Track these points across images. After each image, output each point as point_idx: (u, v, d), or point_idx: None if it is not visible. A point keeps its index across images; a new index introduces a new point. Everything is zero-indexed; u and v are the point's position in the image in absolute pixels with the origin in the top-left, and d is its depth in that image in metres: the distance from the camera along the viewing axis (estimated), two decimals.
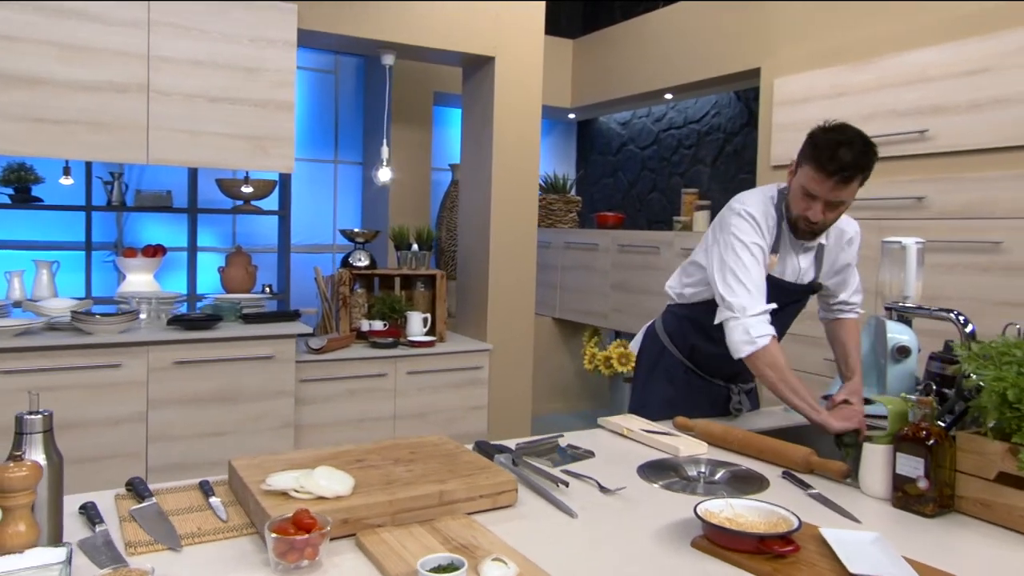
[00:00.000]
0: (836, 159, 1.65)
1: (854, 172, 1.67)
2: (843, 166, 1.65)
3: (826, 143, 1.68)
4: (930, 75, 2.86)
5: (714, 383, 2.03)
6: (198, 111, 2.98)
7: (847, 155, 1.65)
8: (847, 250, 2.01)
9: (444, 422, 3.63)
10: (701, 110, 4.83)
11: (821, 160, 1.67)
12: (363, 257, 3.74)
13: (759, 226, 1.80)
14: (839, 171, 1.66)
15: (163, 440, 2.93)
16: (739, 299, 1.74)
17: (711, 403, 2.01)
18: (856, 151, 1.66)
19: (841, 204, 1.76)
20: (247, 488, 1.19)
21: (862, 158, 1.66)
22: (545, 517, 1.24)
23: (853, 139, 1.68)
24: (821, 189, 1.70)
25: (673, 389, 2.02)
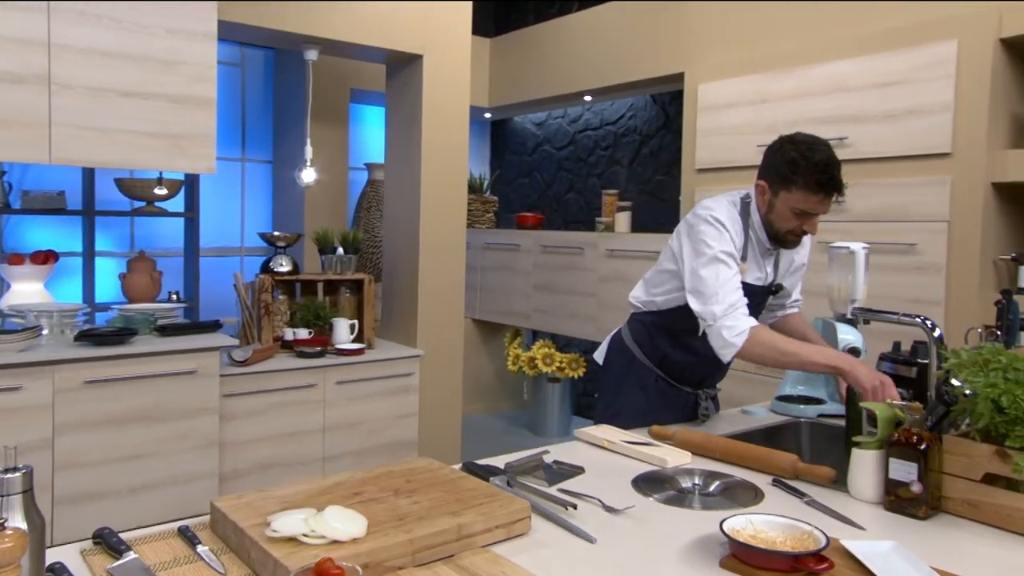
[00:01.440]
0: (832, 180, 1.73)
1: (839, 188, 1.76)
2: (839, 185, 1.74)
3: (816, 165, 1.73)
4: (848, 86, 3.02)
5: (683, 390, 2.06)
6: (108, 106, 2.71)
7: (837, 172, 1.74)
8: (801, 252, 2.11)
9: (375, 432, 3.52)
10: (617, 112, 4.91)
11: (818, 181, 1.73)
12: (285, 262, 3.55)
13: (728, 232, 1.83)
14: (831, 188, 1.74)
15: (72, 468, 2.67)
16: (709, 307, 1.77)
17: (680, 410, 2.04)
18: (838, 164, 1.75)
19: (819, 215, 1.85)
20: (245, 535, 1.08)
21: (839, 176, 1.76)
22: (563, 543, 1.20)
23: (832, 157, 1.76)
24: (817, 206, 1.78)
25: (645, 397, 2.03)
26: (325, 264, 3.67)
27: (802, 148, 1.76)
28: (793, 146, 1.78)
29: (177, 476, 2.88)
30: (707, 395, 2.06)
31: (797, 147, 1.77)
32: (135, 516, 2.79)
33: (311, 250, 4.25)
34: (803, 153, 1.75)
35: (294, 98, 4.46)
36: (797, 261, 2.11)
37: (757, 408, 2.13)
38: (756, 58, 3.38)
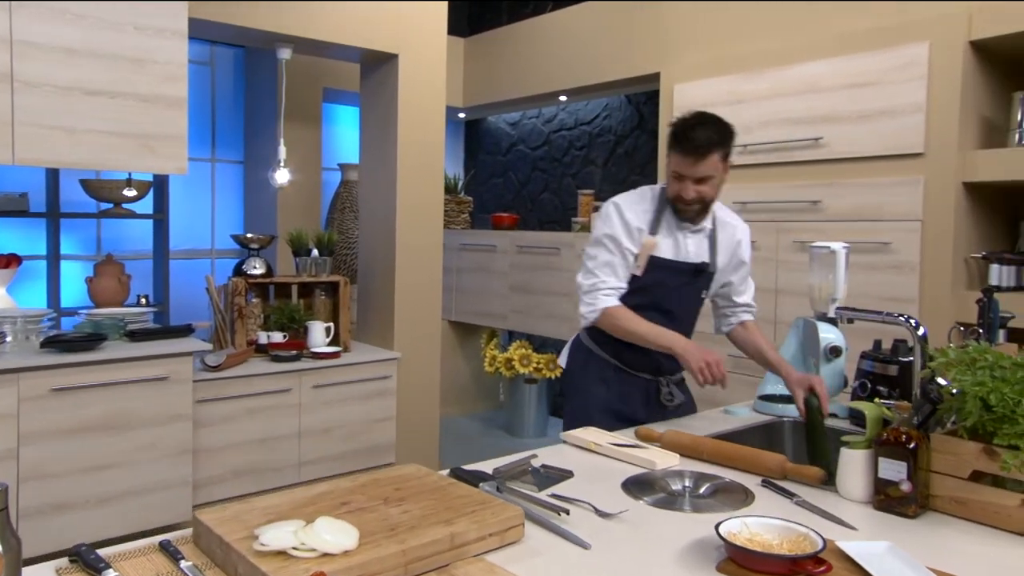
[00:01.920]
0: (691, 139, 1.88)
1: (708, 147, 1.88)
2: (698, 144, 1.87)
3: (682, 127, 1.92)
4: (822, 86, 3.05)
5: (643, 377, 2.09)
6: (74, 105, 2.63)
7: (701, 133, 1.88)
8: (738, 249, 2.15)
9: (352, 436, 3.47)
10: (592, 112, 4.92)
11: (680, 142, 1.90)
12: (258, 264, 3.49)
13: (617, 215, 2.00)
14: (695, 148, 1.88)
15: (38, 479, 2.58)
16: (581, 280, 2.03)
17: (644, 398, 2.08)
18: (708, 129, 1.89)
19: (709, 179, 1.93)
20: (232, 549, 1.05)
21: (714, 135, 1.89)
22: (557, 550, 1.18)
23: (704, 120, 1.91)
24: (686, 168, 1.91)
25: (607, 388, 2.06)
26: (299, 266, 3.61)
27: (684, 116, 1.94)
28: (680, 116, 1.95)
29: (149, 485, 2.81)
30: (669, 381, 2.11)
31: (682, 116, 1.95)
32: (106, 528, 2.71)
33: (284, 252, 4.19)
34: (681, 118, 1.94)
35: (266, 97, 4.39)
36: (737, 256, 2.14)
37: (740, 408, 2.14)
38: (731, 58, 3.40)
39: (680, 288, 2.05)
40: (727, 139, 1.92)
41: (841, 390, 2.05)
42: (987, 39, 2.65)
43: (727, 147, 1.93)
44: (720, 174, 1.95)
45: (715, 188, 1.97)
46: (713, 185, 1.95)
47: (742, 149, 3.31)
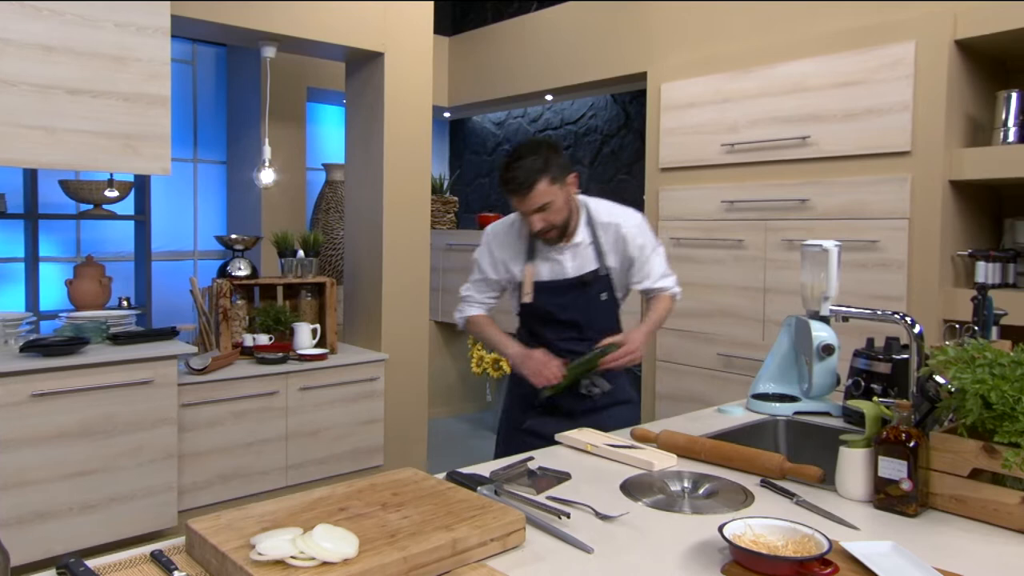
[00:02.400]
0: (510, 179, 1.95)
1: (529, 182, 1.93)
2: (519, 182, 1.93)
3: (503, 167, 1.98)
4: (808, 85, 3.06)
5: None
6: (54, 104, 2.57)
7: (518, 172, 1.94)
8: (626, 246, 2.15)
9: (339, 439, 3.43)
10: (578, 111, 4.91)
11: (504, 183, 1.98)
12: (243, 266, 3.44)
13: (486, 247, 2.19)
14: (518, 187, 1.94)
15: (17, 487, 2.53)
16: (461, 292, 2.27)
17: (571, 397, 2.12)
18: (525, 163, 1.93)
19: (547, 205, 1.97)
20: (228, 559, 1.02)
21: (531, 167, 1.93)
22: (560, 555, 1.16)
23: (521, 154, 1.95)
24: (520, 205, 1.99)
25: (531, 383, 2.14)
26: (285, 267, 3.57)
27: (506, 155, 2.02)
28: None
29: (134, 491, 2.76)
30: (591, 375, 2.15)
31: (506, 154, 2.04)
32: (91, 536, 2.66)
33: (268, 253, 4.14)
34: (503, 160, 2.02)
35: (249, 97, 4.34)
36: (628, 253, 2.16)
37: (733, 407, 2.13)
38: (718, 57, 3.40)
39: (573, 301, 2.14)
40: (548, 165, 1.94)
41: (834, 388, 2.06)
42: (972, 38, 2.67)
43: (551, 171, 1.95)
44: (558, 196, 1.98)
45: (560, 211, 2.01)
46: (556, 210, 1.99)
47: (729, 148, 3.32)
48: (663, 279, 2.23)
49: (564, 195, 2.00)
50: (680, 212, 3.55)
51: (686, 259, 3.52)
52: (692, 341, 3.52)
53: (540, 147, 1.97)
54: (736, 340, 3.33)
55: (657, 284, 2.21)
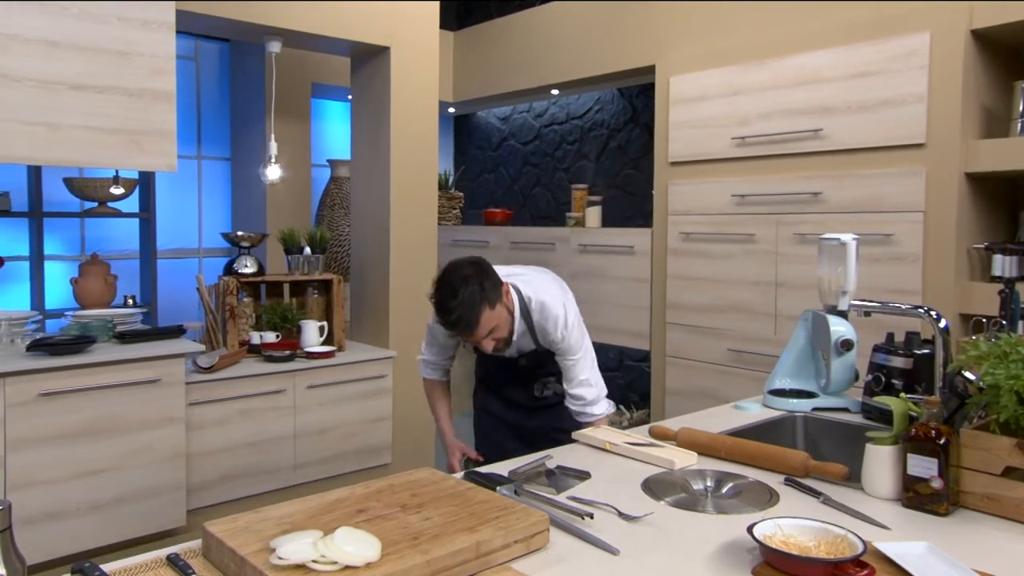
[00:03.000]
0: (452, 323, 1.88)
1: (470, 318, 1.86)
2: (462, 324, 1.88)
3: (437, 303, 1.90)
4: (822, 77, 3.02)
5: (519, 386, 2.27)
6: (58, 100, 2.54)
7: (457, 314, 1.86)
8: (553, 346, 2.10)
9: (347, 437, 3.40)
10: (584, 106, 4.87)
11: (448, 326, 1.92)
12: (250, 263, 3.41)
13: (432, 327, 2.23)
14: (465, 327, 1.88)
15: (26, 487, 2.50)
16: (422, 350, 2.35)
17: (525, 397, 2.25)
18: (462, 304, 1.84)
19: (494, 328, 1.93)
20: (247, 563, 0.99)
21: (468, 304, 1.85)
22: (585, 556, 1.13)
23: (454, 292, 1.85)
24: (469, 339, 1.96)
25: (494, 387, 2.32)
26: (291, 264, 3.54)
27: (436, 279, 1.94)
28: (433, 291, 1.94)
29: (142, 491, 2.73)
30: (543, 381, 2.24)
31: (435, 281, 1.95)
32: (100, 535, 2.64)
33: (274, 250, 4.11)
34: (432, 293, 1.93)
35: (252, 93, 4.31)
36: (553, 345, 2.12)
37: (750, 403, 2.10)
38: (728, 50, 3.37)
39: (515, 365, 2.21)
40: (484, 291, 1.87)
41: (852, 384, 2.02)
42: (988, 28, 2.63)
43: (488, 297, 1.87)
44: (500, 315, 1.93)
45: (504, 326, 1.97)
46: (501, 327, 1.95)
47: (740, 141, 3.28)
48: (580, 387, 2.07)
49: (504, 311, 1.95)
50: (690, 206, 3.51)
51: (696, 254, 3.49)
52: (702, 336, 3.48)
53: (469, 276, 1.86)
54: (747, 335, 3.30)
55: (574, 390, 2.08)
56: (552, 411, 2.23)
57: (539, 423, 2.21)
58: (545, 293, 2.06)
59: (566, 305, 2.07)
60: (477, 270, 1.89)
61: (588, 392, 2.07)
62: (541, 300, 2.04)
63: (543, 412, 2.22)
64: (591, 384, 2.08)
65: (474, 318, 1.86)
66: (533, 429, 2.18)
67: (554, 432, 2.12)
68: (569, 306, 2.08)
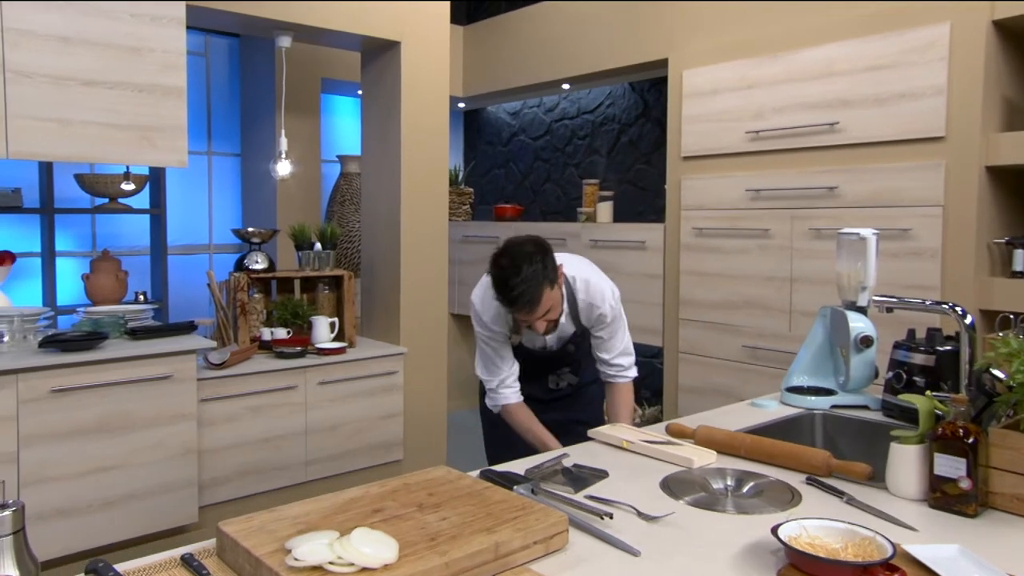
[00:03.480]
0: (516, 298, 1.85)
1: (533, 296, 1.85)
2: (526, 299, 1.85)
3: (499, 281, 1.87)
4: (837, 70, 2.98)
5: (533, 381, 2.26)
6: (69, 96, 2.53)
7: (519, 287, 1.83)
8: (599, 322, 2.16)
9: (358, 433, 3.39)
10: (595, 100, 4.83)
11: (510, 303, 1.88)
12: (260, 259, 3.40)
13: (478, 319, 2.12)
14: (527, 304, 1.86)
15: (39, 483, 2.50)
16: (482, 376, 2.19)
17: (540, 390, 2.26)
18: (527, 279, 1.83)
19: (550, 310, 1.93)
20: (263, 564, 0.97)
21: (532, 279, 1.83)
22: (605, 558, 1.11)
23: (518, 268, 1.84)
24: (527, 318, 1.93)
25: None
26: (302, 260, 3.52)
27: (494, 258, 1.91)
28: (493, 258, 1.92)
29: (154, 487, 2.73)
30: (558, 373, 2.27)
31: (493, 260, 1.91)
32: (112, 532, 2.64)
33: (284, 246, 4.10)
34: (492, 262, 1.90)
35: (262, 88, 4.29)
36: (598, 322, 2.16)
37: (767, 400, 2.07)
38: (742, 43, 3.32)
39: (550, 356, 2.23)
40: (546, 270, 1.88)
41: (872, 381, 1.99)
42: (1010, 18, 2.58)
43: (549, 276, 1.88)
44: (557, 297, 1.94)
45: (558, 308, 1.98)
46: (556, 308, 1.97)
47: (754, 135, 3.24)
48: (621, 356, 2.21)
49: (559, 293, 1.97)
50: (703, 201, 3.47)
51: (709, 249, 3.45)
52: (716, 332, 3.45)
53: (532, 253, 1.86)
54: (762, 331, 3.26)
55: (616, 360, 2.20)
56: (566, 402, 2.24)
57: (554, 416, 2.20)
58: (588, 271, 2.14)
59: (606, 280, 2.17)
60: (539, 248, 1.89)
61: (627, 360, 2.21)
62: (585, 278, 2.11)
63: (558, 403, 2.22)
64: (630, 352, 2.23)
65: (536, 296, 1.85)
66: (548, 423, 2.16)
67: (571, 424, 2.12)
68: (608, 281, 2.18)
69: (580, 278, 2.11)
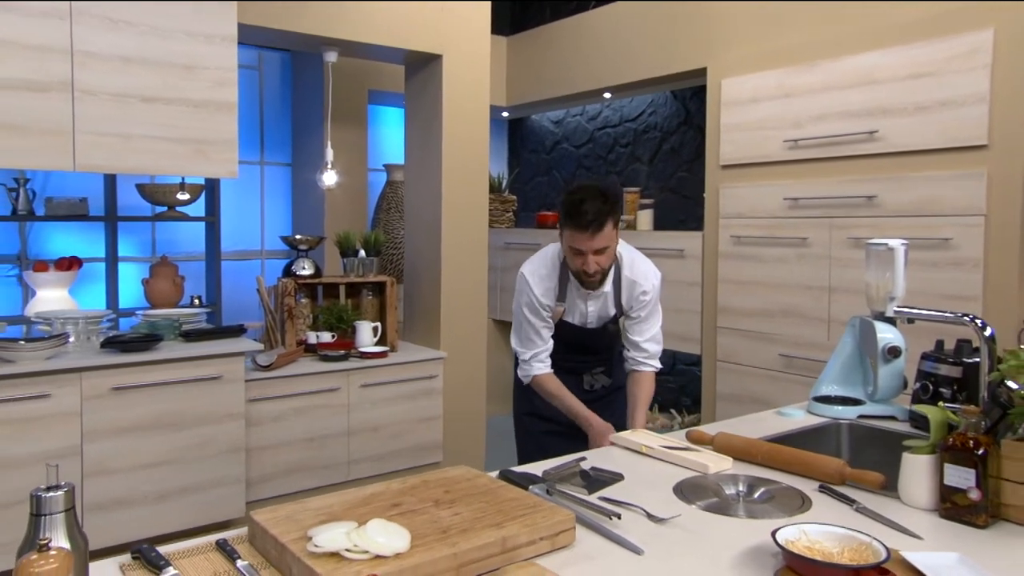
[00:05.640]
0: (584, 212, 1.99)
1: (602, 219, 2.00)
2: (591, 218, 1.99)
3: (571, 204, 2.02)
4: (877, 78, 2.96)
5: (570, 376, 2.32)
6: (130, 112, 2.70)
7: (592, 207, 1.99)
8: (639, 302, 2.25)
9: (399, 435, 3.49)
10: (637, 109, 4.86)
11: (573, 217, 2.02)
12: (307, 265, 3.54)
13: (528, 285, 2.22)
14: (590, 223, 2.00)
15: (101, 474, 2.67)
16: (517, 348, 2.28)
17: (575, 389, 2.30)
18: (598, 202, 2.00)
19: (605, 248, 2.07)
20: (287, 550, 1.06)
21: (604, 206, 2.01)
22: (610, 555, 1.16)
23: (592, 194, 2.02)
24: (583, 243, 2.04)
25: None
26: (347, 266, 3.65)
27: (570, 189, 2.08)
28: (567, 190, 2.09)
29: (204, 482, 2.87)
30: (593, 373, 2.34)
31: (568, 190, 2.08)
32: (165, 523, 2.79)
33: (332, 253, 4.24)
34: (567, 192, 2.08)
35: (312, 100, 4.45)
36: (638, 301, 2.24)
37: (793, 409, 2.08)
38: (780, 51, 3.32)
39: (590, 336, 2.29)
40: (617, 208, 2.07)
41: (901, 392, 1.99)
42: None
43: (617, 215, 2.07)
44: (614, 241, 2.10)
45: (611, 256, 2.12)
46: (609, 254, 2.10)
47: (792, 144, 3.23)
48: (651, 342, 2.29)
49: (616, 236, 2.11)
50: (741, 210, 3.48)
51: (748, 258, 3.45)
52: (754, 341, 3.44)
53: (606, 191, 2.04)
54: (800, 341, 3.24)
55: (645, 343, 2.28)
56: (599, 405, 2.28)
57: None
58: (635, 252, 2.27)
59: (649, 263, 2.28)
60: (614, 191, 2.11)
61: (655, 347, 2.29)
62: (632, 257, 2.24)
63: (592, 406, 2.24)
64: (659, 341, 2.30)
65: (604, 220, 2.00)
66: None
67: None
68: None
69: (627, 256, 2.23)
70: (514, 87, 5.14)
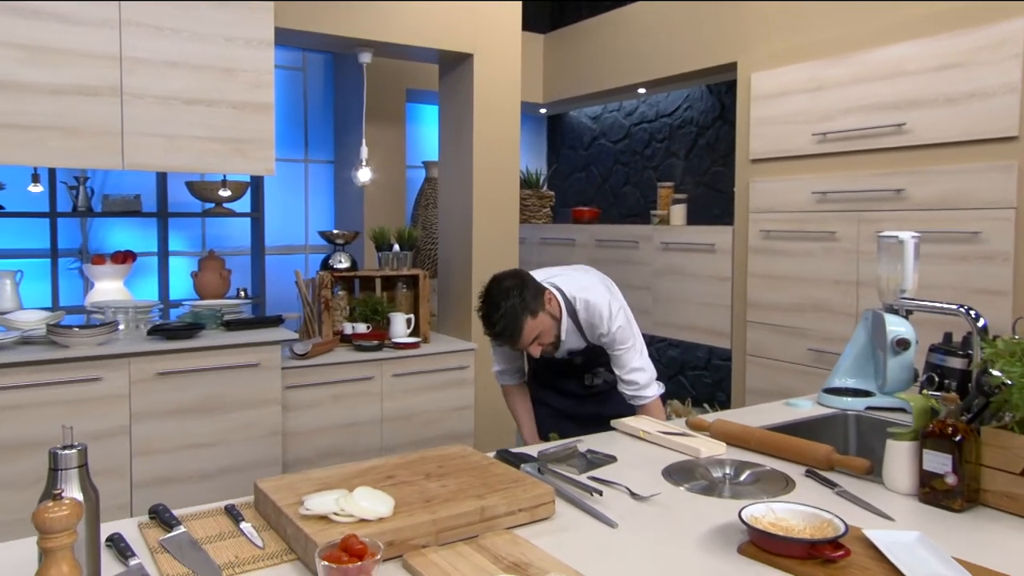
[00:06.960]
0: (494, 335, 2.02)
1: (514, 331, 1.98)
2: (503, 337, 2.01)
3: (483, 319, 2.02)
4: (906, 70, 2.92)
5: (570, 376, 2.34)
6: (174, 114, 2.87)
7: (495, 329, 1.99)
8: (601, 342, 2.17)
9: (431, 423, 3.60)
10: (673, 104, 4.86)
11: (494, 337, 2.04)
12: (344, 259, 3.67)
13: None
14: (508, 338, 2.00)
15: (147, 454, 2.84)
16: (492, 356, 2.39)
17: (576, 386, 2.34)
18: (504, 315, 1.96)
19: (538, 336, 2.03)
20: (282, 512, 1.16)
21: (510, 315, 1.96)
22: (585, 528, 1.23)
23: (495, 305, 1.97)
24: (514, 347, 2.08)
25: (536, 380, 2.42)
26: (382, 260, 3.78)
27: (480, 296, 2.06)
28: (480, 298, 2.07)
29: (242, 464, 3.03)
30: (593, 372, 2.33)
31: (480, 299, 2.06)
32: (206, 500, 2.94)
33: (370, 247, 4.38)
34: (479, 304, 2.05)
35: (353, 99, 4.60)
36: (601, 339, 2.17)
37: (802, 400, 2.10)
38: (810, 44, 3.30)
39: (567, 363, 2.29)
40: (524, 302, 1.96)
41: (911, 384, 1.99)
42: None
43: (529, 307, 1.97)
44: (544, 323, 2.02)
45: (550, 333, 2.05)
46: (546, 333, 2.04)
47: (821, 137, 3.22)
48: (634, 372, 2.16)
49: (548, 318, 2.03)
50: (771, 204, 3.47)
51: (776, 252, 3.44)
52: (782, 335, 3.44)
53: (510, 288, 1.97)
54: (828, 335, 3.23)
55: (628, 376, 2.15)
56: (602, 397, 2.34)
57: (590, 409, 2.31)
58: (587, 291, 2.11)
59: (610, 299, 2.12)
60: (517, 282, 1.99)
61: (640, 377, 2.16)
62: (585, 299, 2.10)
63: (594, 399, 2.32)
64: (643, 369, 2.16)
65: (517, 329, 1.97)
66: (585, 415, 2.28)
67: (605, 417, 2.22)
68: (614, 299, 2.13)
69: (580, 298, 2.10)
70: (551, 84, 5.20)
